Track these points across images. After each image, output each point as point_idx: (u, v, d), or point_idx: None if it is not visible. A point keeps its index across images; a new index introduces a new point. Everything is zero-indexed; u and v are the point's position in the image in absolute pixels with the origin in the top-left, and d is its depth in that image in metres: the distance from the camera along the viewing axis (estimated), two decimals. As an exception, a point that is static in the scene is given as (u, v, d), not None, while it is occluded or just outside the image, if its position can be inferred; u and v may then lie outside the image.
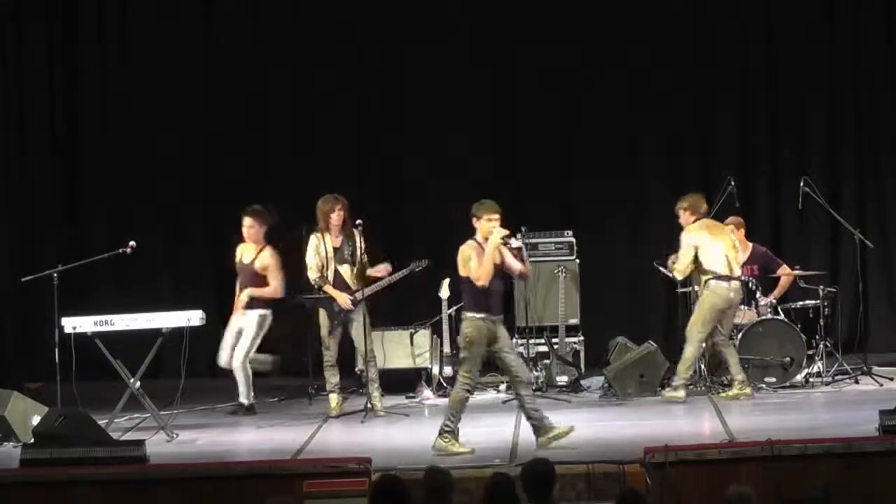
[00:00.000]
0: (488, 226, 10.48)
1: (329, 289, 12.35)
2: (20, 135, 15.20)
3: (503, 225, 10.54)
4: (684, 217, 12.71)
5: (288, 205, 14.83)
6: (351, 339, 12.48)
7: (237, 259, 12.87)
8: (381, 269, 12.60)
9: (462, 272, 10.52)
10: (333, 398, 12.44)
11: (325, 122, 15.28)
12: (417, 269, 12.79)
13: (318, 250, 12.38)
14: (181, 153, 15.35)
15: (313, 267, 12.40)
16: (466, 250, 10.50)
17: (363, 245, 12.46)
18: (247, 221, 12.76)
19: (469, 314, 10.50)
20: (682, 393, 12.45)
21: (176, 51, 15.30)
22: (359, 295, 12.31)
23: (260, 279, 12.68)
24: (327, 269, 12.38)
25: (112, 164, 15.33)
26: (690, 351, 12.54)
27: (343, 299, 12.29)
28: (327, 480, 9.37)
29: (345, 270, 12.41)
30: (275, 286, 12.68)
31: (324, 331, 12.44)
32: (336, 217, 12.37)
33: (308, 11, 15.28)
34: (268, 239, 12.81)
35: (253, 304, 12.65)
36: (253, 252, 12.76)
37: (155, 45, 15.26)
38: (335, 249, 12.41)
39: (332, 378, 12.44)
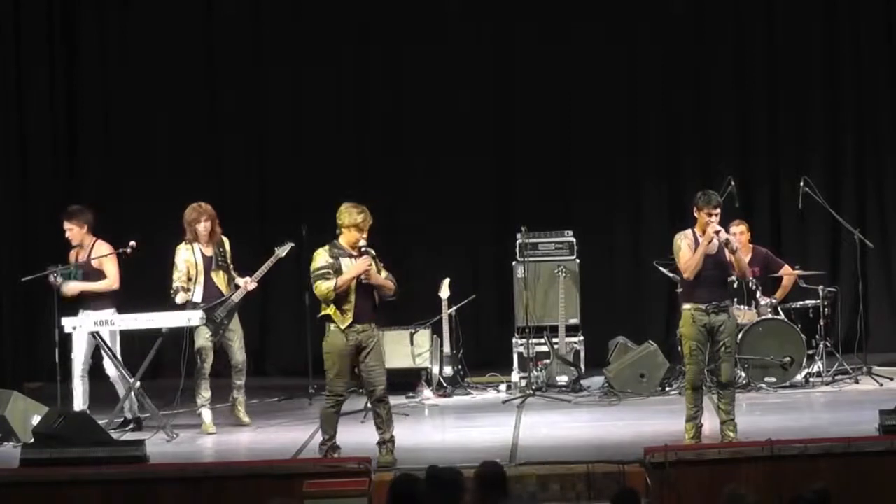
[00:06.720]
0: (706, 219, 10.26)
1: (179, 299, 11.86)
2: (20, 134, 15.18)
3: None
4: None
5: (287, 205, 14.86)
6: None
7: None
8: (241, 283, 12.04)
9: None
10: (206, 414, 11.88)
11: (325, 121, 15.26)
12: (283, 255, 12.25)
13: (187, 261, 11.91)
14: (181, 154, 15.33)
15: (175, 277, 11.91)
16: (678, 240, 10.38)
17: (231, 253, 12.06)
18: (65, 225, 12.10)
19: (682, 306, 10.42)
20: None
21: (176, 51, 15.28)
22: (236, 297, 11.93)
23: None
24: (196, 280, 11.90)
25: (112, 164, 15.32)
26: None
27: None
28: (327, 480, 9.38)
29: (219, 278, 11.96)
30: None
31: (202, 341, 11.79)
32: (202, 227, 11.92)
33: (308, 12, 15.26)
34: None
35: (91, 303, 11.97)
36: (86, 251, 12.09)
37: (155, 46, 15.24)
38: (208, 258, 11.97)
39: (205, 392, 11.85)
